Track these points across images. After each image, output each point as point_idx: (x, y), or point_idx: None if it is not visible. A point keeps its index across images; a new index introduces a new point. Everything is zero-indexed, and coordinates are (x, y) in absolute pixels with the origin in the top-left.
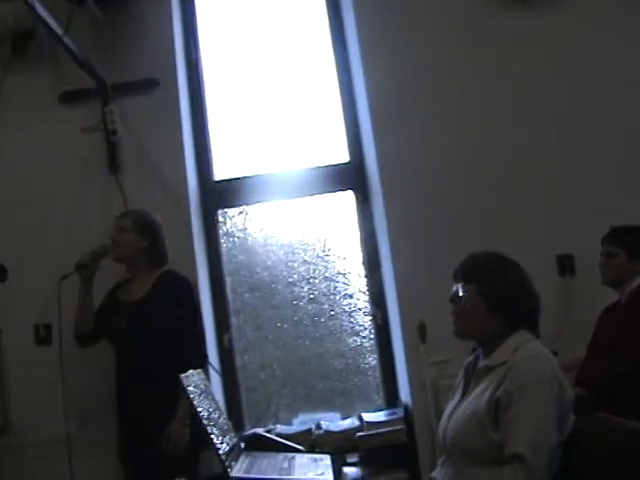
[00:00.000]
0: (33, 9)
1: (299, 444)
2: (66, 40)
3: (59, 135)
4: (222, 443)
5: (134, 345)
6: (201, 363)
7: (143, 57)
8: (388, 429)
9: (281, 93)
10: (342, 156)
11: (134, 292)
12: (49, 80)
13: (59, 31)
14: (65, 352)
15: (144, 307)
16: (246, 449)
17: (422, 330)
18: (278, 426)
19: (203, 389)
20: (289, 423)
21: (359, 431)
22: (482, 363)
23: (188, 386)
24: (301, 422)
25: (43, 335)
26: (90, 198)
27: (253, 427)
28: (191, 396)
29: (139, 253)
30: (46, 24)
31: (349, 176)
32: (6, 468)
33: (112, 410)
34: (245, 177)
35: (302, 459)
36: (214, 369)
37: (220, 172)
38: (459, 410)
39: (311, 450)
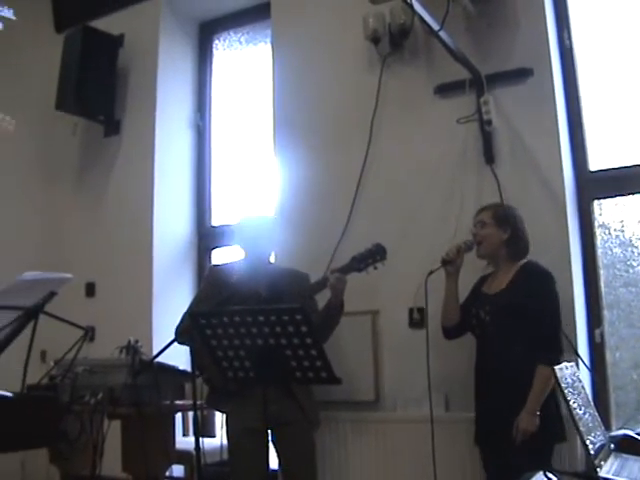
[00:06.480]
0: (411, 7)
1: None
2: (442, 34)
3: (435, 125)
4: (587, 440)
5: (493, 336)
6: (554, 358)
7: (516, 47)
8: None
9: None
10: None
11: (496, 285)
12: (425, 73)
13: (435, 26)
14: (435, 337)
15: (503, 299)
16: (615, 450)
17: None
18: None
19: (570, 383)
20: None
21: None
22: None
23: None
24: None
25: (417, 318)
26: (465, 187)
27: (620, 428)
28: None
29: (500, 246)
30: (423, 20)
31: None
32: (374, 438)
33: (472, 395)
34: (623, 167)
35: None
36: (584, 364)
37: (596, 162)
38: None
39: None
